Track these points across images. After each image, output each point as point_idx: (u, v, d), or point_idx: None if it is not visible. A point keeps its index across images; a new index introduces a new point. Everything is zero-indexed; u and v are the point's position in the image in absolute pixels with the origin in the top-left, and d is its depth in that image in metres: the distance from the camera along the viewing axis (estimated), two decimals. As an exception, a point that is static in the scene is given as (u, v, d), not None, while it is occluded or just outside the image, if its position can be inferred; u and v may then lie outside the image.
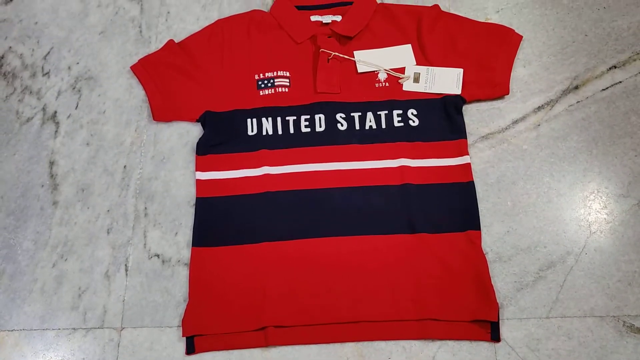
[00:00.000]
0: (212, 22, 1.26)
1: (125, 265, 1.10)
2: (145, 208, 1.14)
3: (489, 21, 1.26)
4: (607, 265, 1.05)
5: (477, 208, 1.09)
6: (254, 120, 1.16)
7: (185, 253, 1.10)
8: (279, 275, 1.05)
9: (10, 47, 1.29)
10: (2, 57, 1.28)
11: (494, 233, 1.09)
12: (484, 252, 1.06)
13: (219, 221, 1.10)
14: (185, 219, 1.12)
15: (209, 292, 1.05)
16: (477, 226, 1.07)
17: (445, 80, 1.17)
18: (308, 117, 1.16)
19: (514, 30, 1.22)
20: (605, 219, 1.09)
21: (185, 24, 1.29)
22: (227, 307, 1.04)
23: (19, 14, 1.32)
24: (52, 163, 1.18)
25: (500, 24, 1.24)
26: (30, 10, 1.33)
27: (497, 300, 1.02)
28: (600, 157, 1.14)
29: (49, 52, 1.28)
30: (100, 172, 1.17)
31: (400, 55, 1.20)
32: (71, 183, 1.16)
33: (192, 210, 1.12)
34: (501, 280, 1.05)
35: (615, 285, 1.04)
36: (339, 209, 1.09)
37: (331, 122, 1.15)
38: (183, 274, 1.09)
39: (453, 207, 1.09)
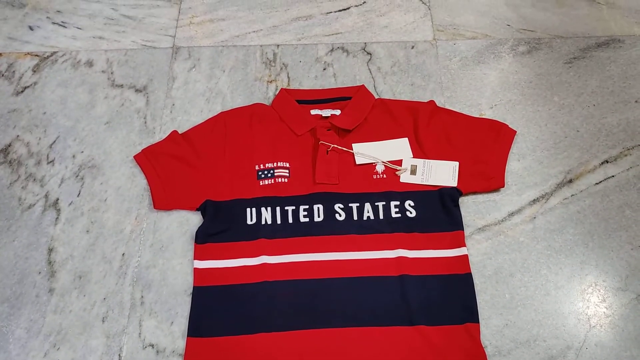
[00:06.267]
0: (216, 114, 1.30)
1: (119, 355, 1.08)
2: (142, 297, 1.13)
3: (484, 116, 1.30)
4: (609, 361, 1.04)
5: (476, 300, 1.08)
6: (253, 209, 1.17)
7: (180, 343, 1.08)
8: (275, 368, 1.02)
9: (17, 136, 1.32)
10: (9, 145, 1.31)
11: (493, 326, 1.07)
12: (483, 346, 1.04)
13: (215, 311, 1.08)
14: (182, 308, 1.11)
15: (203, 384, 1.03)
16: (475, 319, 1.06)
17: (442, 173, 1.19)
18: (307, 207, 1.17)
19: (507, 125, 1.26)
20: (604, 312, 1.08)
21: (189, 115, 1.33)
22: (221, 400, 1.01)
23: (29, 104, 1.37)
24: (50, 250, 1.18)
25: (494, 119, 1.28)
26: (40, 100, 1.37)
27: (498, 397, 0.99)
28: (596, 250, 1.14)
29: (54, 141, 1.31)
30: (98, 260, 1.17)
31: (398, 148, 1.23)
32: (69, 270, 1.16)
33: (189, 300, 1.11)
34: (501, 376, 1.03)
35: (618, 382, 1.02)
36: (336, 299, 1.07)
37: (329, 213, 1.16)
38: (177, 365, 1.07)
39: (451, 299, 1.08)
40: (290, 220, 1.16)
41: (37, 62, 1.44)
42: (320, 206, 1.17)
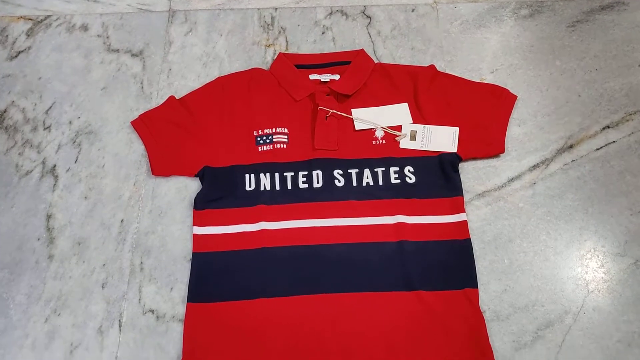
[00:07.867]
0: (213, 79, 1.28)
1: (119, 320, 1.09)
2: (141, 263, 1.13)
3: (484, 81, 1.28)
4: (606, 325, 1.05)
5: (474, 266, 1.08)
6: (252, 175, 1.16)
7: (180, 309, 1.08)
8: (274, 333, 1.03)
9: (13, 102, 1.31)
10: (5, 111, 1.30)
11: (491, 291, 1.08)
12: (482, 311, 1.05)
13: (214, 277, 1.09)
14: (181, 274, 1.11)
15: (203, 349, 1.03)
16: (474, 284, 1.06)
17: (442, 139, 1.18)
18: (306, 173, 1.16)
19: (508, 90, 1.24)
20: (602, 278, 1.09)
21: (187, 80, 1.32)
22: (222, 364, 1.02)
23: (23, 69, 1.35)
24: (49, 216, 1.18)
25: (495, 84, 1.27)
26: (35, 65, 1.35)
27: (496, 360, 1.00)
28: (596, 216, 1.14)
29: (50, 107, 1.30)
30: (97, 226, 1.17)
31: (397, 114, 1.22)
32: (67, 236, 1.16)
33: (189, 266, 1.11)
34: (499, 340, 1.04)
35: (614, 346, 1.03)
36: (335, 265, 1.08)
37: (329, 179, 1.16)
38: (177, 330, 1.07)
39: (450, 264, 1.08)
40: (289, 187, 1.15)
41: (30, 26, 1.41)
42: (320, 172, 1.16)
